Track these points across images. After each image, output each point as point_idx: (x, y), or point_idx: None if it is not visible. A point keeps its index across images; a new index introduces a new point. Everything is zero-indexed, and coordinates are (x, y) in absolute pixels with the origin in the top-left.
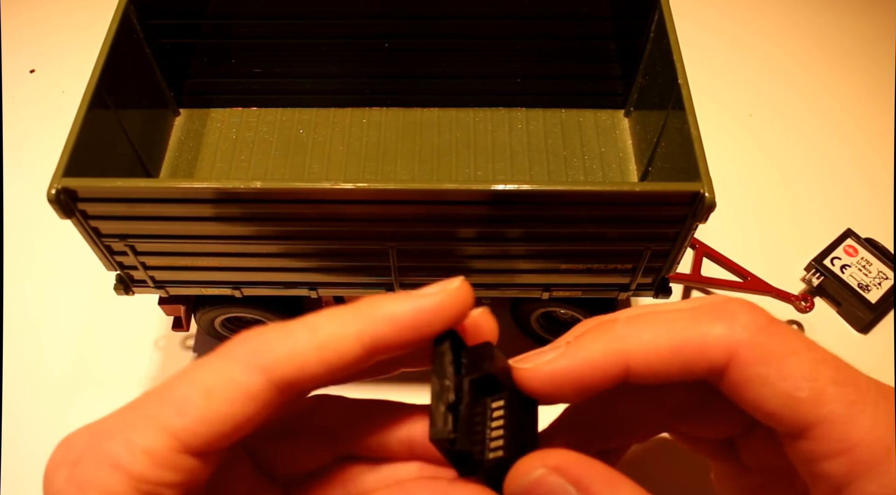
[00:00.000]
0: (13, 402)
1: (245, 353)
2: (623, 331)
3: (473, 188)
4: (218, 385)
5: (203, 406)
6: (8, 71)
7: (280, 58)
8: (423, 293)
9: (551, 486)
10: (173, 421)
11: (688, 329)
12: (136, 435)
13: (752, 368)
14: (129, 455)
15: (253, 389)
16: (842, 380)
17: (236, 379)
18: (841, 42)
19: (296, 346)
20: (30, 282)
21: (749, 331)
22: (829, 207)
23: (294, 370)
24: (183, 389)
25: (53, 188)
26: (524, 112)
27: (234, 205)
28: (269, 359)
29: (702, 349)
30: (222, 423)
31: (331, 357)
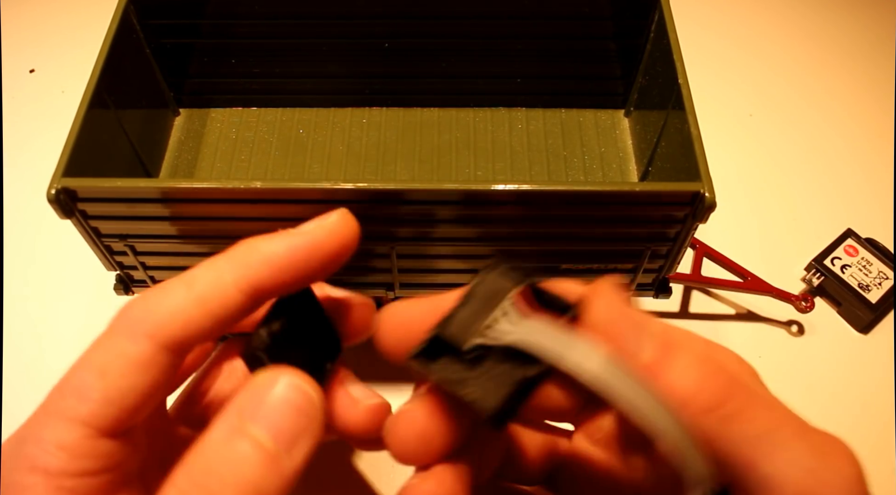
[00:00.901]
0: (13, 402)
1: (128, 323)
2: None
3: (473, 188)
4: (109, 362)
5: (101, 387)
6: (8, 71)
7: (280, 58)
8: (298, 230)
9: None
10: (77, 409)
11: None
12: (46, 433)
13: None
14: (44, 453)
15: (143, 357)
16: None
17: (125, 352)
18: (841, 42)
19: (176, 304)
20: (30, 282)
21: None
22: (830, 207)
23: (179, 329)
24: (79, 375)
25: (53, 188)
26: (524, 112)
27: (234, 205)
28: (152, 324)
29: None
30: (125, 398)
31: (213, 308)
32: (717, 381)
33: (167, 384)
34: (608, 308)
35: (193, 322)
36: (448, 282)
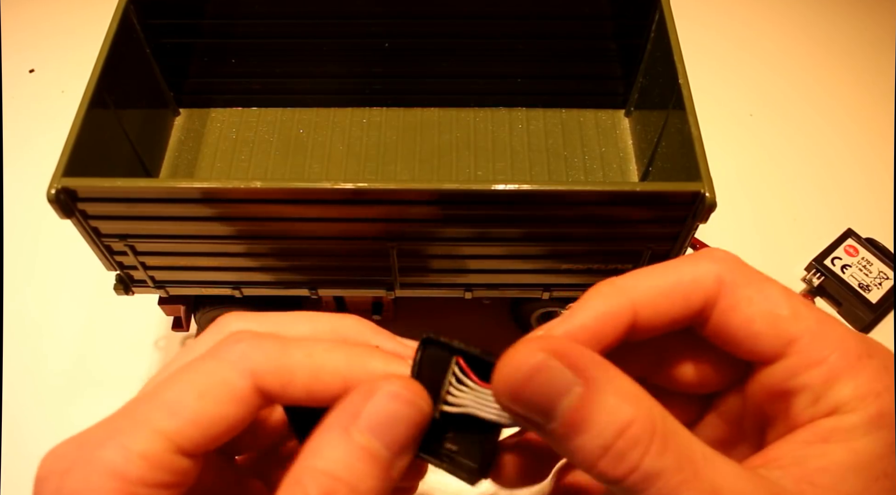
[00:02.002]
0: (13, 402)
1: (237, 356)
2: (623, 283)
3: (474, 188)
4: (211, 386)
5: (196, 407)
6: (8, 71)
7: (280, 58)
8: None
9: (551, 371)
10: (166, 423)
11: (680, 269)
12: (129, 440)
13: (739, 291)
14: (124, 460)
15: (244, 393)
16: (808, 304)
17: (229, 382)
18: (841, 42)
19: (288, 364)
20: (30, 282)
21: (730, 264)
22: (830, 207)
23: (280, 385)
24: (175, 392)
25: (53, 188)
26: (524, 112)
27: (234, 205)
28: (260, 367)
29: (694, 281)
30: (213, 425)
31: (315, 385)
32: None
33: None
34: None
35: (295, 386)
36: (448, 282)
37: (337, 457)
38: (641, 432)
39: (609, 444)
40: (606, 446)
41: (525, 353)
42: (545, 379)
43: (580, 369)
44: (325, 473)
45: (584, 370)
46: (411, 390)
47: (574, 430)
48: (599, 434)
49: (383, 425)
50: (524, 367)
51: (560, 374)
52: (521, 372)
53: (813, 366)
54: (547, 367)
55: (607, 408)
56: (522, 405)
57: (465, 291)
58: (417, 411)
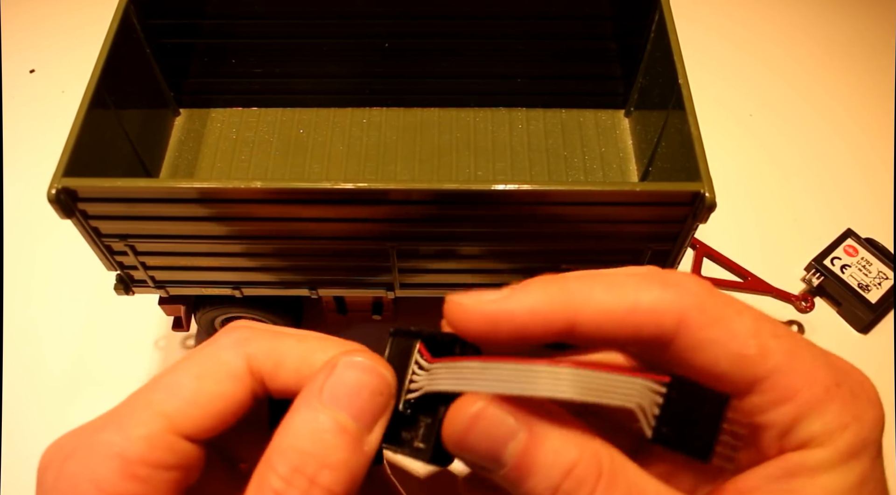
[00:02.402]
0: (13, 402)
1: (233, 340)
2: (573, 286)
3: (474, 188)
4: (208, 367)
5: (194, 387)
6: (8, 71)
7: (280, 58)
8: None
9: (493, 419)
10: (165, 403)
11: (639, 294)
12: (128, 422)
13: (702, 332)
14: (123, 440)
15: (239, 371)
16: (779, 333)
17: (225, 361)
18: (841, 42)
19: (280, 347)
20: (30, 281)
21: (697, 297)
22: (829, 207)
23: (272, 367)
24: (174, 375)
25: (53, 188)
26: (524, 112)
27: (234, 205)
28: (254, 349)
29: (651, 314)
30: (211, 404)
31: (304, 368)
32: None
33: (241, 413)
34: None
35: (286, 367)
36: (448, 282)
37: (304, 432)
38: (587, 472)
39: (556, 485)
40: (554, 487)
41: (466, 403)
42: (487, 426)
43: (521, 415)
44: (294, 448)
45: (526, 416)
46: (370, 358)
47: (522, 474)
48: (546, 476)
49: (347, 395)
50: (465, 416)
51: (502, 421)
52: (464, 422)
53: (780, 404)
54: (488, 415)
55: (552, 451)
56: (470, 453)
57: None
58: (377, 376)
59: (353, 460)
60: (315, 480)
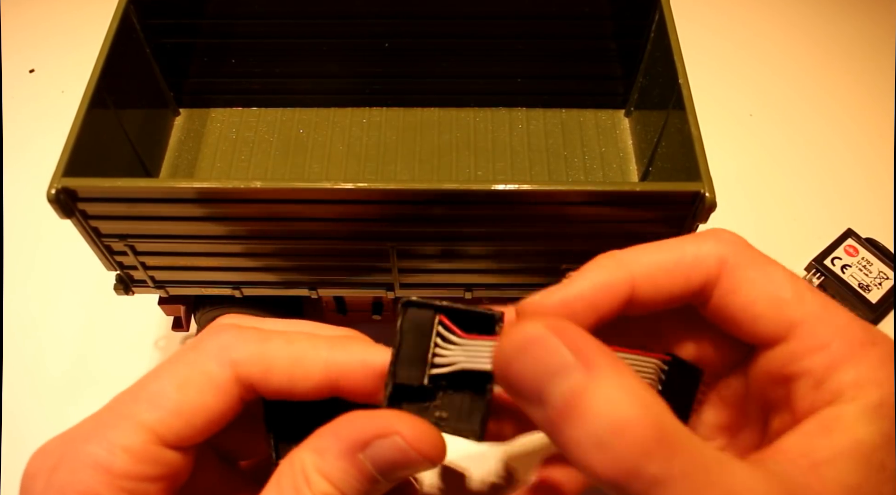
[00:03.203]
0: (13, 402)
1: (217, 347)
2: (624, 256)
3: (474, 188)
4: (191, 377)
5: (177, 398)
6: (8, 71)
7: (280, 58)
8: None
9: (548, 348)
10: (149, 415)
11: (683, 247)
12: (113, 434)
13: (741, 271)
14: (108, 454)
15: (223, 382)
16: (814, 289)
17: (208, 372)
18: (841, 42)
19: (268, 352)
20: (30, 281)
21: (735, 244)
22: (829, 207)
23: (260, 373)
24: (158, 384)
25: (53, 188)
26: (524, 112)
27: (234, 205)
28: (240, 356)
29: (696, 260)
30: (195, 415)
31: (296, 372)
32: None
33: (228, 419)
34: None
35: (275, 373)
36: (448, 281)
37: (339, 469)
38: (645, 434)
39: (602, 441)
40: (599, 442)
41: (523, 326)
42: (539, 354)
43: (582, 353)
44: (327, 477)
45: (588, 355)
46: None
47: (565, 419)
48: (593, 427)
49: (384, 465)
50: (518, 339)
51: (557, 352)
52: (515, 344)
53: (815, 351)
54: (543, 342)
55: (607, 400)
56: (511, 381)
57: (465, 291)
58: (419, 463)
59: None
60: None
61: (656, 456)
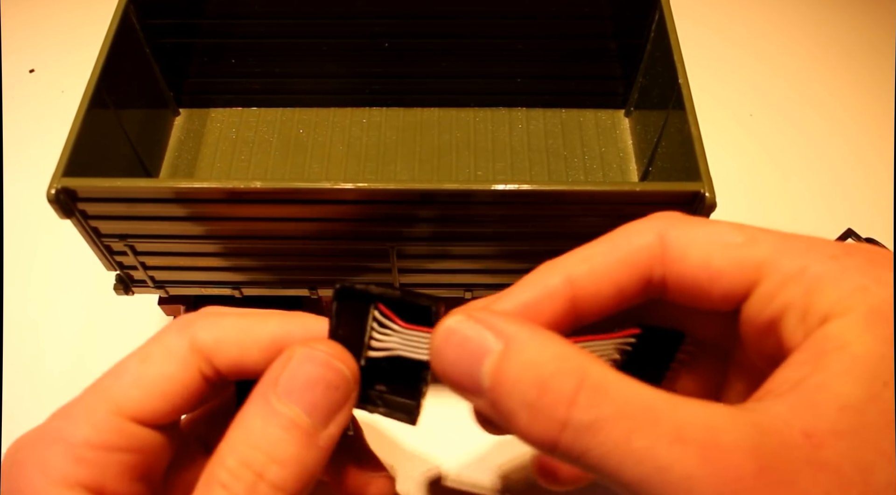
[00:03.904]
0: (13, 402)
1: (179, 323)
2: (559, 260)
3: (474, 188)
4: (153, 350)
5: (138, 370)
6: (8, 71)
7: (280, 58)
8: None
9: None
10: (110, 386)
11: (615, 235)
12: (75, 409)
13: (684, 236)
14: (68, 426)
15: (182, 351)
16: (765, 229)
17: (168, 343)
18: (841, 42)
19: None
20: (30, 281)
21: (668, 217)
22: (829, 207)
23: (214, 342)
24: (122, 362)
25: (53, 188)
26: (524, 112)
27: (233, 205)
28: (197, 327)
29: (632, 242)
30: (155, 384)
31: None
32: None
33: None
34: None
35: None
36: (448, 282)
37: (254, 426)
38: (568, 384)
39: (531, 401)
40: (529, 403)
41: (444, 321)
42: (461, 343)
43: (498, 329)
44: (243, 441)
45: (503, 330)
46: (326, 351)
47: (499, 395)
48: (522, 392)
49: (301, 389)
50: (441, 334)
51: (476, 337)
52: (439, 340)
53: (788, 282)
54: (462, 331)
55: (527, 363)
56: (449, 378)
57: (465, 291)
58: (333, 371)
59: (305, 455)
60: (263, 475)
61: (583, 402)
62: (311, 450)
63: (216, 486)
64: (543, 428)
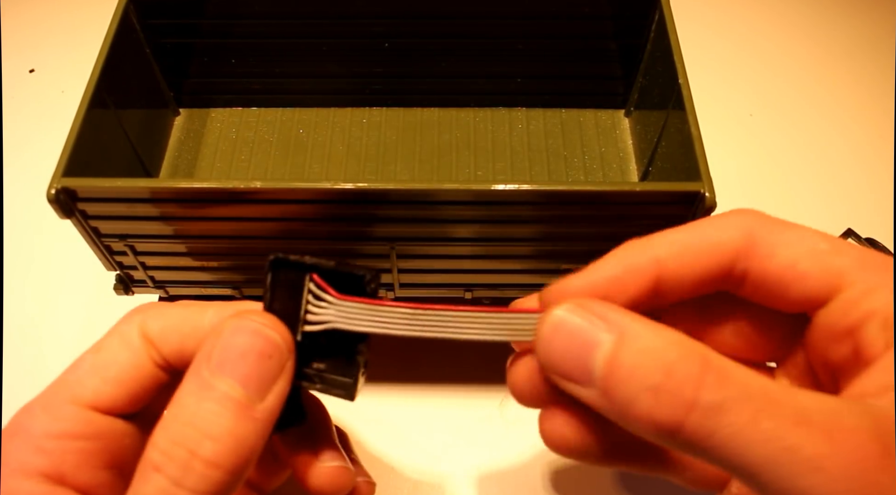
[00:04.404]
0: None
1: (131, 312)
2: (647, 240)
3: (474, 188)
4: (106, 340)
5: (93, 360)
6: (8, 71)
7: (280, 58)
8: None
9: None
10: (68, 377)
11: (705, 225)
12: (36, 402)
13: (774, 236)
14: (29, 417)
15: (132, 338)
16: (843, 239)
17: (120, 332)
18: (841, 42)
19: (166, 312)
20: (29, 281)
21: (757, 216)
22: (829, 207)
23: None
24: (82, 354)
25: (53, 188)
26: (524, 112)
27: (234, 205)
28: (146, 316)
29: (721, 235)
30: (108, 370)
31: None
32: None
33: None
34: None
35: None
36: (448, 282)
37: (189, 402)
38: (693, 367)
39: (657, 385)
40: (656, 388)
41: (548, 314)
42: (571, 335)
43: (608, 319)
44: (175, 419)
45: (613, 320)
46: (256, 320)
47: (615, 382)
48: (644, 377)
49: (233, 361)
50: (548, 328)
51: (586, 328)
52: (547, 334)
53: (874, 290)
54: (570, 323)
55: (647, 351)
56: (558, 370)
57: (465, 291)
58: (265, 339)
59: (240, 429)
60: (196, 452)
61: (710, 383)
62: (246, 423)
63: (149, 470)
64: (670, 411)
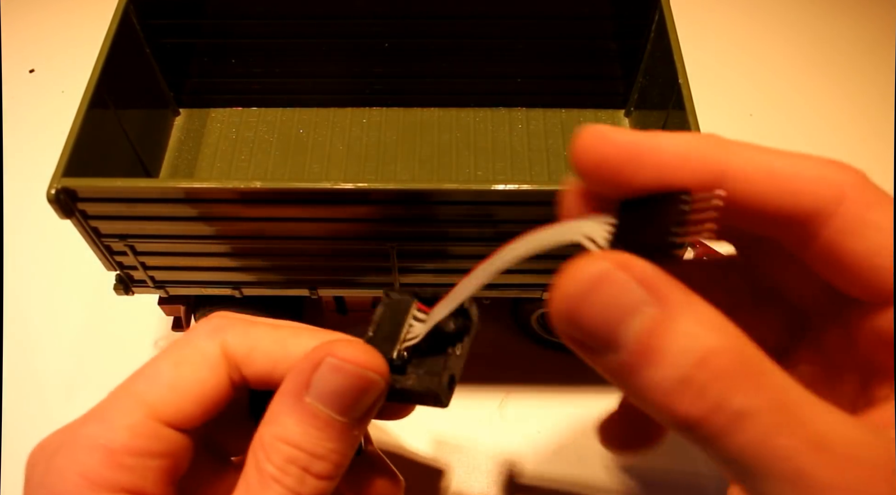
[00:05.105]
0: (13, 402)
1: (210, 327)
2: (733, 143)
3: (474, 188)
4: (185, 355)
5: (173, 374)
6: (8, 71)
7: (280, 58)
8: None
9: (617, 285)
10: (146, 391)
11: (798, 159)
12: (111, 413)
13: (866, 212)
14: (106, 431)
15: (214, 357)
16: None
17: (201, 348)
18: (841, 42)
19: (254, 333)
20: (29, 281)
21: (859, 177)
22: None
23: (246, 351)
24: (155, 365)
25: (53, 188)
26: (524, 112)
27: (234, 205)
28: (229, 335)
29: (812, 177)
30: (189, 390)
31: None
32: None
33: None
34: None
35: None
36: (448, 282)
37: (293, 425)
38: (729, 364)
39: (685, 376)
40: (682, 378)
41: (586, 263)
42: (608, 294)
43: (654, 287)
44: (284, 440)
45: (660, 289)
46: (356, 361)
47: (644, 359)
48: (674, 363)
49: (331, 396)
50: (582, 278)
51: (627, 289)
52: (579, 285)
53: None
54: (611, 280)
55: (686, 334)
56: (577, 325)
57: None
58: (363, 381)
59: (342, 448)
60: (308, 469)
61: (742, 387)
62: (346, 443)
63: (268, 480)
64: (691, 405)
